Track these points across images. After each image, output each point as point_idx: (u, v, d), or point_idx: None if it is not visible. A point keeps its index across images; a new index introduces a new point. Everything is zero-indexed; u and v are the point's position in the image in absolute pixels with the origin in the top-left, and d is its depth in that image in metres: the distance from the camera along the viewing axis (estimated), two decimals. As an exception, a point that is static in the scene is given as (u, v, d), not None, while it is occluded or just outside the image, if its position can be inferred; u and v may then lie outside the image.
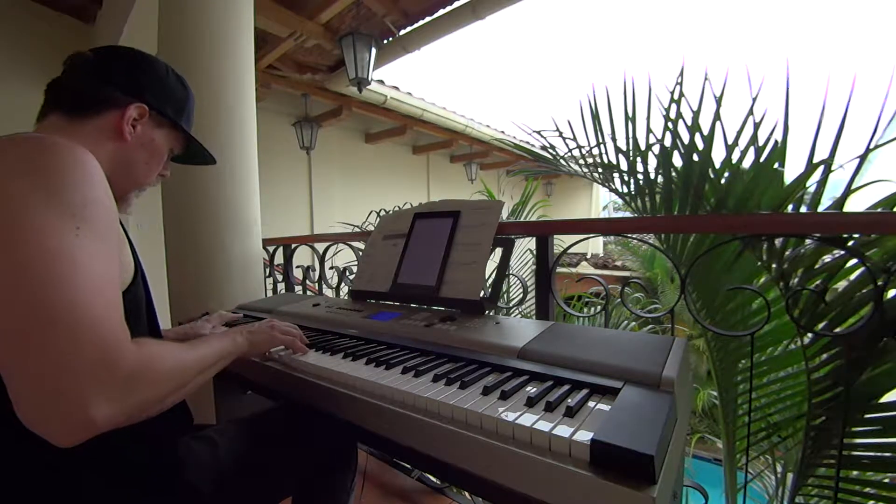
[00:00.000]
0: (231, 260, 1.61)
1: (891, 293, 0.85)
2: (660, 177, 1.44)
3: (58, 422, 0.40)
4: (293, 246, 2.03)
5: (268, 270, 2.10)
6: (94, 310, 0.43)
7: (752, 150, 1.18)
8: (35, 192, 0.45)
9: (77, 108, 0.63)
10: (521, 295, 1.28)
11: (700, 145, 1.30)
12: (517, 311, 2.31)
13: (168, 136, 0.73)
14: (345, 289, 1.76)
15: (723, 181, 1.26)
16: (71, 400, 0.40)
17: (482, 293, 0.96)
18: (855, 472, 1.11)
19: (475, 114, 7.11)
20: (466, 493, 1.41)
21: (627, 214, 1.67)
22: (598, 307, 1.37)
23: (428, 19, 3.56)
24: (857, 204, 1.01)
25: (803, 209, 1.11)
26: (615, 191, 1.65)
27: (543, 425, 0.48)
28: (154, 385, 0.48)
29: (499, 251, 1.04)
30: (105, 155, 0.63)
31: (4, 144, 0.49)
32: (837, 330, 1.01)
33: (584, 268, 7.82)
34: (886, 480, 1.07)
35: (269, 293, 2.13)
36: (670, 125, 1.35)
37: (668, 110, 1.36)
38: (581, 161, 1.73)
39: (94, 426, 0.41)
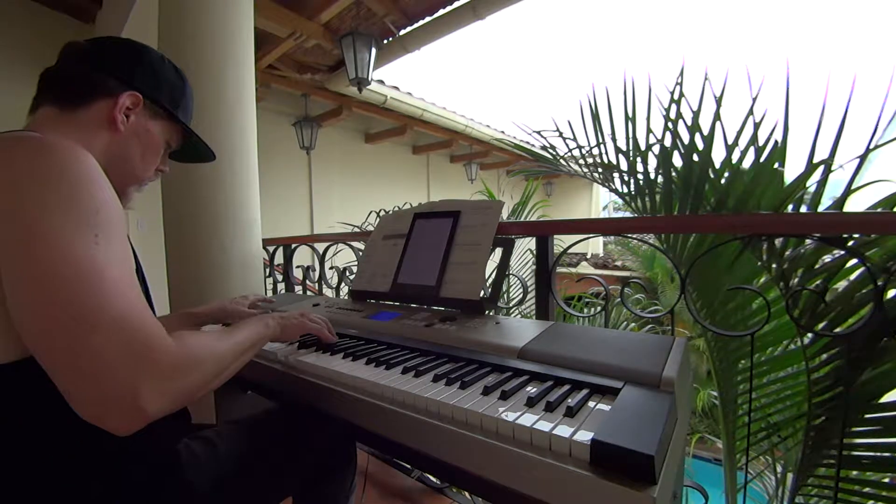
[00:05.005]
0: (231, 260, 1.61)
1: (891, 293, 0.85)
2: (660, 177, 1.44)
3: (116, 415, 0.44)
4: (293, 246, 2.03)
5: (268, 270, 2.10)
6: (131, 311, 0.45)
7: (752, 150, 1.18)
8: (49, 202, 0.45)
9: (69, 97, 0.61)
10: (521, 295, 1.28)
11: (700, 145, 1.30)
12: (517, 311, 2.31)
13: (164, 127, 0.71)
14: (345, 289, 1.76)
15: (723, 181, 1.26)
16: (124, 395, 0.43)
17: (482, 293, 0.96)
18: (855, 472, 1.11)
19: (475, 114, 7.12)
20: (466, 493, 1.40)
21: (627, 214, 1.67)
22: (598, 307, 1.37)
23: (428, 19, 3.56)
24: (857, 204, 1.01)
25: (803, 209, 1.11)
26: (615, 191, 1.65)
27: (543, 425, 0.48)
28: (195, 372, 0.50)
29: (499, 251, 1.04)
30: (99, 147, 0.62)
31: (5, 145, 0.48)
32: (837, 330, 1.01)
33: (584, 268, 7.82)
34: (886, 480, 1.07)
35: (269, 293, 2.13)
36: (670, 125, 1.35)
37: (668, 110, 1.36)
38: (581, 161, 1.73)
39: (147, 415, 0.44)
